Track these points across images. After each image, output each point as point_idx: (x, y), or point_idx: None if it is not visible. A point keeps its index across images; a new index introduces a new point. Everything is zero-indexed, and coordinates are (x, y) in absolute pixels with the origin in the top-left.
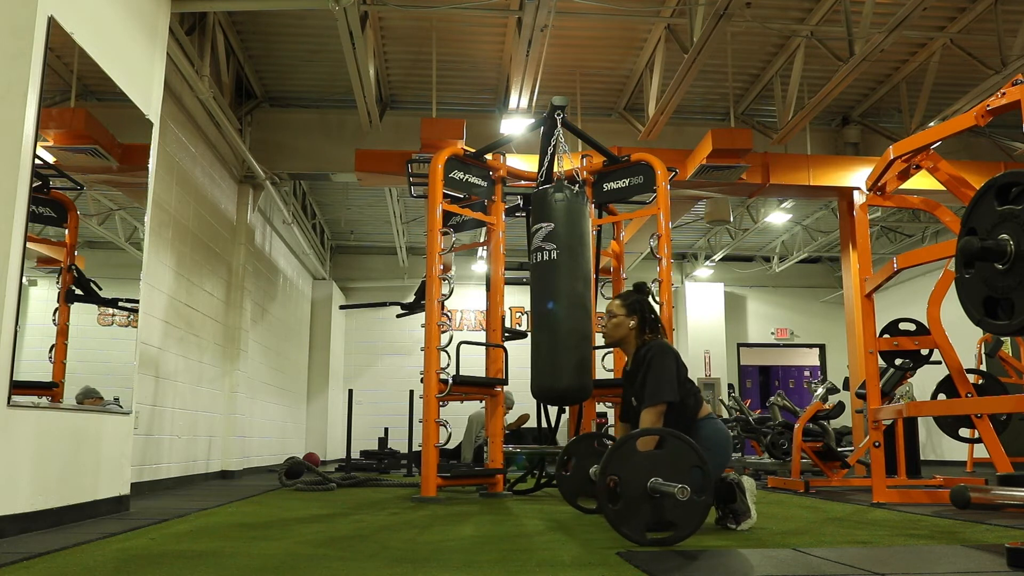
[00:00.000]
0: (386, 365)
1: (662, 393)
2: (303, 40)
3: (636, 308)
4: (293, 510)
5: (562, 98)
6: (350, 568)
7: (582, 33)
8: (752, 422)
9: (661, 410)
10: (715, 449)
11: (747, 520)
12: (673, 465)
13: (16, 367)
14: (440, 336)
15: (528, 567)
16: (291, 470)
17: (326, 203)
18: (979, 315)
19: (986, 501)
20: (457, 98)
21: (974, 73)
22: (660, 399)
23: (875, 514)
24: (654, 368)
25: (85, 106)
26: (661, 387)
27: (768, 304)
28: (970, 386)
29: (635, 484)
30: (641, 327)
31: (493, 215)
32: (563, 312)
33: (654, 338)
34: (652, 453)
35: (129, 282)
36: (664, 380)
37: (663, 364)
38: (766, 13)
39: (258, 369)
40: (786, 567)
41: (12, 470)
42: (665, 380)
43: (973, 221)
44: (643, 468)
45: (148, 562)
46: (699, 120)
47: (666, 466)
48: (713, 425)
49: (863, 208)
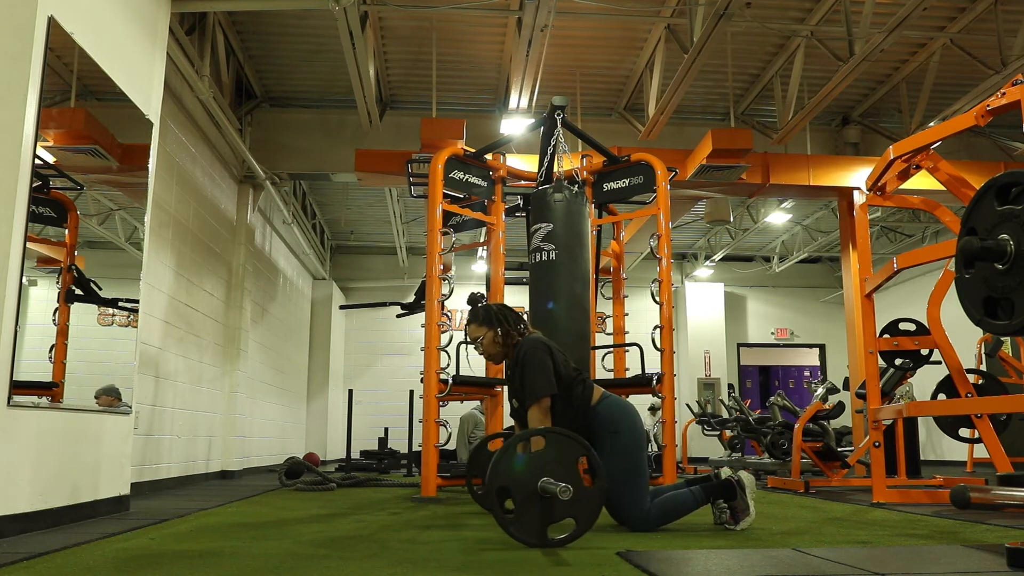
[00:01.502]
0: (386, 365)
1: (541, 388)
2: (303, 40)
3: (490, 318)
4: (293, 510)
5: (562, 98)
6: (350, 568)
7: (582, 33)
8: (752, 422)
9: (545, 405)
10: (621, 425)
11: (747, 518)
12: (559, 461)
13: (16, 367)
14: (440, 336)
15: (528, 567)
16: (291, 470)
17: (326, 203)
18: (979, 315)
19: (986, 501)
20: (457, 98)
21: (974, 73)
22: (540, 394)
23: (875, 514)
24: (528, 365)
25: (85, 106)
26: (538, 383)
27: (768, 304)
28: (970, 386)
29: (524, 487)
30: (506, 331)
31: (493, 215)
32: (562, 312)
33: (524, 335)
34: (537, 454)
35: (129, 282)
36: (539, 375)
37: (536, 359)
38: (766, 13)
39: (258, 369)
40: (786, 567)
41: (12, 470)
42: (540, 375)
43: (973, 221)
44: (529, 471)
45: (148, 562)
46: (699, 120)
47: (553, 463)
48: (609, 403)
49: (863, 208)
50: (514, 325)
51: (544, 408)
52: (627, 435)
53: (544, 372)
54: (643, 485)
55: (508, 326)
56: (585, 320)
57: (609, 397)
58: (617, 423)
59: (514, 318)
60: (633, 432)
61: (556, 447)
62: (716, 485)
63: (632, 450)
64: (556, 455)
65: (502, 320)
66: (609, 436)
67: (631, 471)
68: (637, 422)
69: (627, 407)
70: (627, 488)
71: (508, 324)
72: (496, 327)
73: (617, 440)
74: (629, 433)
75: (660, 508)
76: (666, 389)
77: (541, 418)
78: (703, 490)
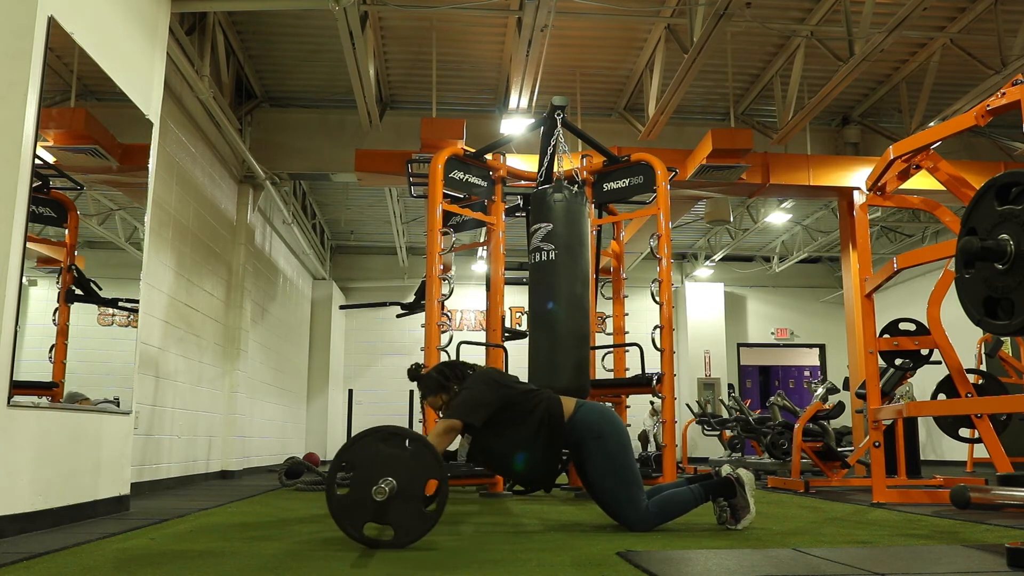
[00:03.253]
0: (386, 365)
1: (461, 411)
2: (303, 40)
3: (436, 386)
4: (293, 510)
5: (562, 98)
6: (350, 568)
7: (582, 33)
8: (752, 422)
9: (453, 426)
10: (603, 429)
11: (747, 516)
12: (411, 469)
13: (16, 367)
14: (440, 336)
15: (528, 567)
16: (291, 470)
17: (326, 203)
18: (979, 315)
19: (986, 501)
20: (457, 98)
21: (974, 73)
22: (457, 415)
23: (875, 514)
24: (466, 388)
25: (85, 106)
26: (463, 407)
27: (768, 304)
28: (970, 386)
29: (365, 479)
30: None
31: (493, 215)
32: (562, 312)
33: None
34: (394, 452)
35: (129, 282)
36: (469, 402)
37: (475, 387)
38: (766, 13)
39: (258, 369)
40: (786, 567)
41: (12, 470)
42: (469, 402)
43: (973, 221)
44: (378, 464)
45: (148, 562)
46: (699, 120)
47: (405, 468)
48: (586, 411)
49: (863, 208)
50: (456, 377)
51: (450, 428)
52: (611, 438)
53: (472, 401)
54: (635, 485)
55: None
56: (585, 320)
57: (585, 405)
58: (598, 428)
59: (455, 372)
60: (616, 434)
61: (416, 457)
62: (716, 483)
63: (618, 452)
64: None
65: (449, 377)
66: (593, 442)
67: (621, 473)
68: (618, 424)
69: (605, 411)
70: (620, 490)
71: (450, 380)
72: (450, 385)
73: (602, 444)
74: (612, 436)
75: (659, 507)
76: (666, 389)
77: (440, 432)
78: (703, 488)
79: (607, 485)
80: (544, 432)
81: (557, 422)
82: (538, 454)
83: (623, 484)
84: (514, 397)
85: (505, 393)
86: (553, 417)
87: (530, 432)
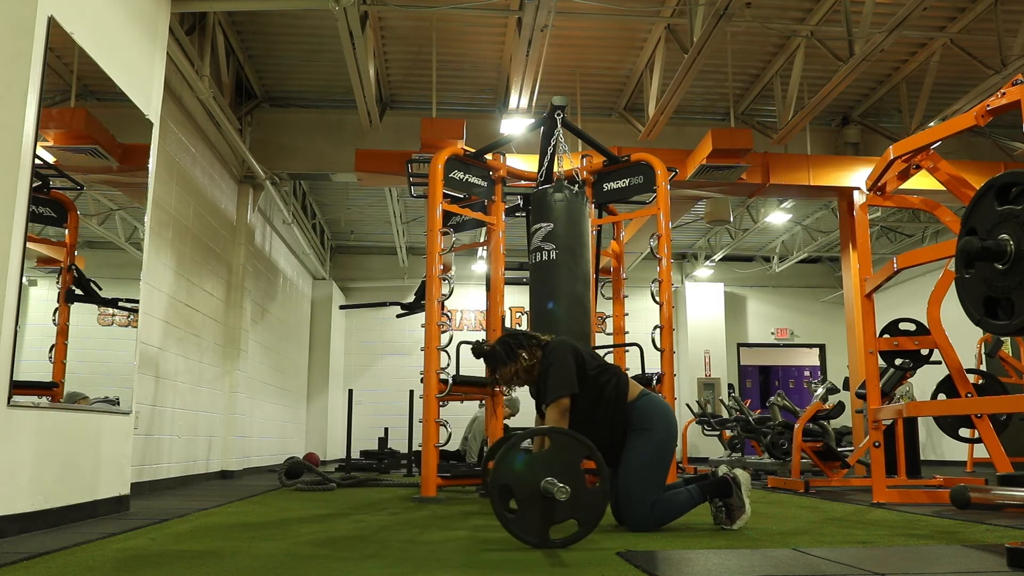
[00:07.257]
0: (386, 365)
1: (559, 388)
2: (303, 40)
3: (505, 356)
4: (293, 510)
5: (562, 98)
6: (350, 568)
7: (582, 33)
8: (752, 422)
9: (563, 405)
10: (656, 423)
11: (742, 516)
12: (563, 461)
13: (16, 367)
14: (440, 336)
15: (528, 567)
16: (291, 470)
17: (326, 203)
18: (979, 315)
19: (986, 501)
20: (457, 98)
21: (974, 73)
22: (557, 395)
23: (875, 514)
24: (551, 366)
25: (85, 106)
26: (558, 384)
27: (768, 304)
28: (970, 386)
29: (526, 487)
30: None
31: (493, 215)
32: (562, 312)
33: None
34: (541, 454)
35: (129, 282)
36: (561, 375)
37: (557, 360)
38: (766, 13)
39: (258, 369)
40: (786, 567)
41: (12, 470)
42: (561, 376)
43: (973, 221)
44: (532, 470)
45: (148, 562)
46: (699, 120)
47: (557, 464)
48: (648, 400)
49: (863, 208)
50: (527, 343)
51: (562, 408)
52: (660, 433)
53: (564, 373)
54: (656, 483)
55: (521, 348)
56: (585, 320)
57: (648, 395)
58: (653, 420)
59: (524, 337)
60: (667, 432)
61: (560, 447)
62: (712, 483)
63: (659, 448)
64: (560, 455)
65: (516, 345)
66: (643, 432)
67: (647, 471)
68: (672, 426)
69: (665, 407)
70: (637, 487)
71: (521, 348)
72: (512, 362)
73: (649, 436)
74: (662, 432)
75: (658, 507)
76: (666, 389)
77: (557, 418)
78: (699, 488)
79: (628, 476)
80: (609, 411)
81: (621, 402)
82: (604, 431)
83: (643, 482)
84: (590, 368)
85: (588, 357)
86: (620, 396)
87: (593, 404)
